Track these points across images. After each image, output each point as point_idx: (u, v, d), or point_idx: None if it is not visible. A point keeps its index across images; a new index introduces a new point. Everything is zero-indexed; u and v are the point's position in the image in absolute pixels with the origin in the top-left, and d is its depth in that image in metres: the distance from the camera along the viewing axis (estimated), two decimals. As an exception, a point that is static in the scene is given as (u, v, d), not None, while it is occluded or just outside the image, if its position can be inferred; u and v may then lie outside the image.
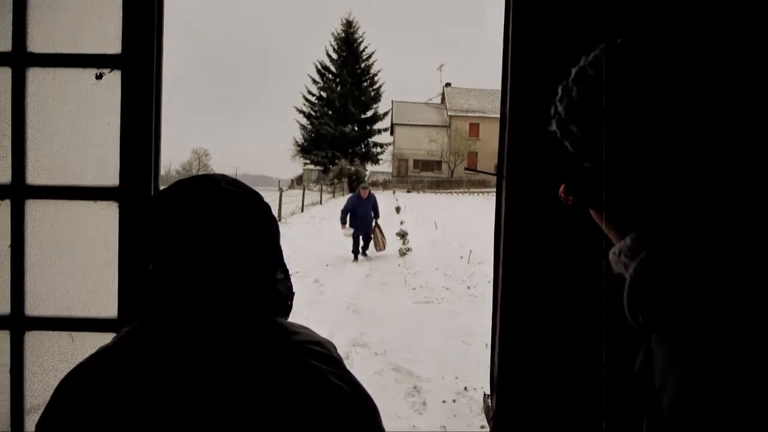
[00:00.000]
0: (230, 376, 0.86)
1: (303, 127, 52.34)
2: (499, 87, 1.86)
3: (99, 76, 1.74)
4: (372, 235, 12.81)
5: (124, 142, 1.72)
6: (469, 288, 9.49)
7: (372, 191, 13.30)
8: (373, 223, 12.78)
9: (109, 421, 0.84)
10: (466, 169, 2.64)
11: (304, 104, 52.60)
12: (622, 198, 0.70)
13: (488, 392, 1.98)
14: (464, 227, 17.46)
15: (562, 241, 1.68)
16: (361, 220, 12.62)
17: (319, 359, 0.93)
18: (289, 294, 1.05)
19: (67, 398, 0.88)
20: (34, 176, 1.75)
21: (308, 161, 51.49)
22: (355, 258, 12.32)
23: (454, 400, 4.69)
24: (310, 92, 52.76)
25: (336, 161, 44.46)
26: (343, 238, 12.79)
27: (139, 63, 1.72)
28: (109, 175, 1.74)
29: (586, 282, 1.66)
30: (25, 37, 1.73)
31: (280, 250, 1.04)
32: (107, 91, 1.74)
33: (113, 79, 1.73)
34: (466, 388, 4.93)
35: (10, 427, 1.77)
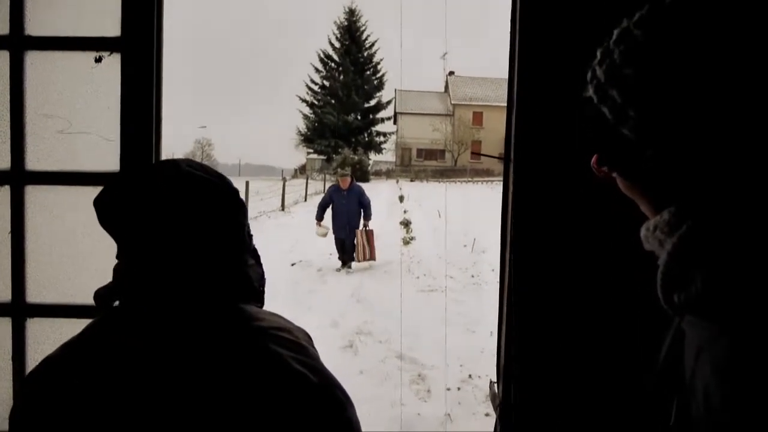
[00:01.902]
0: (189, 363, 0.85)
1: (306, 116, 52.26)
2: (503, 75, 1.83)
3: (98, 60, 1.71)
4: (356, 240, 9.84)
5: (124, 126, 1.70)
6: (473, 276, 9.49)
7: (357, 182, 10.72)
8: (361, 224, 9.97)
9: (76, 412, 0.83)
10: (472, 153, 2.62)
11: (307, 93, 52.53)
12: (662, 169, 0.65)
13: (494, 379, 1.96)
14: (468, 216, 17.43)
15: (571, 227, 1.66)
16: (341, 219, 9.82)
17: (282, 345, 0.89)
18: (260, 280, 1.02)
19: (36, 393, 0.87)
20: (34, 162, 1.73)
21: (311, 151, 51.43)
22: (342, 266, 9.89)
23: (458, 388, 4.69)
24: (312, 81, 52.65)
25: (339, 150, 44.40)
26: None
27: (138, 46, 1.69)
28: (110, 161, 1.72)
29: (594, 268, 1.64)
30: (23, 20, 1.70)
31: (250, 236, 1.01)
32: (107, 74, 1.71)
33: (113, 62, 1.71)
34: (470, 376, 4.93)
35: (12, 414, 1.75)
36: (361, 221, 10.02)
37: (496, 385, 1.91)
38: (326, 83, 52.24)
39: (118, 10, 1.69)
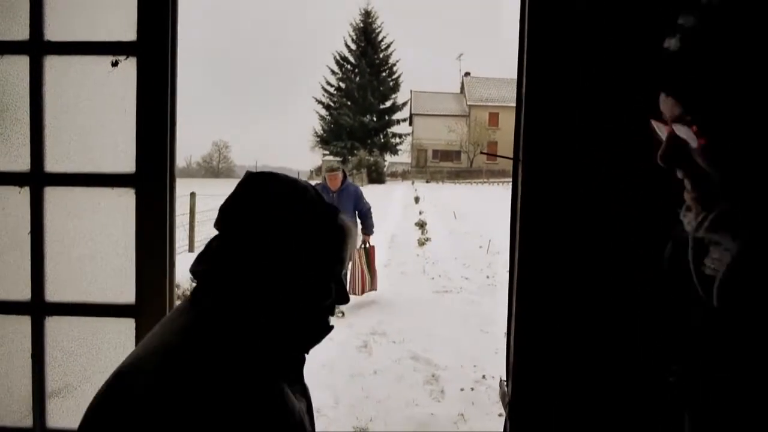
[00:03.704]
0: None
1: (322, 117, 52.43)
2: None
3: (115, 64, 1.75)
4: (352, 265, 7.30)
5: (140, 128, 1.73)
6: (488, 277, 9.47)
7: (353, 182, 8.08)
8: (359, 241, 7.29)
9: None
10: (482, 152, 2.62)
11: (323, 95, 52.67)
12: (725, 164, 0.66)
13: (505, 378, 1.97)
14: (483, 217, 17.38)
15: (579, 226, 1.66)
16: None
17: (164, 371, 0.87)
18: (320, 329, 1.05)
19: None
20: (53, 164, 1.77)
21: (327, 152, 51.55)
22: None
23: (472, 389, 4.69)
24: (328, 83, 52.79)
25: (355, 152, 44.48)
26: None
27: (153, 50, 1.72)
28: (126, 162, 1.75)
29: (602, 268, 1.65)
30: (42, 26, 1.74)
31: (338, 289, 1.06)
32: (123, 78, 1.75)
33: (129, 66, 1.74)
34: (484, 377, 4.93)
35: (32, 410, 1.80)
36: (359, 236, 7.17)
37: (506, 383, 1.92)
38: (342, 85, 52.37)
39: (133, 15, 1.73)
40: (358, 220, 7.34)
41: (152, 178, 1.74)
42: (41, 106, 1.76)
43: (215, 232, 1.02)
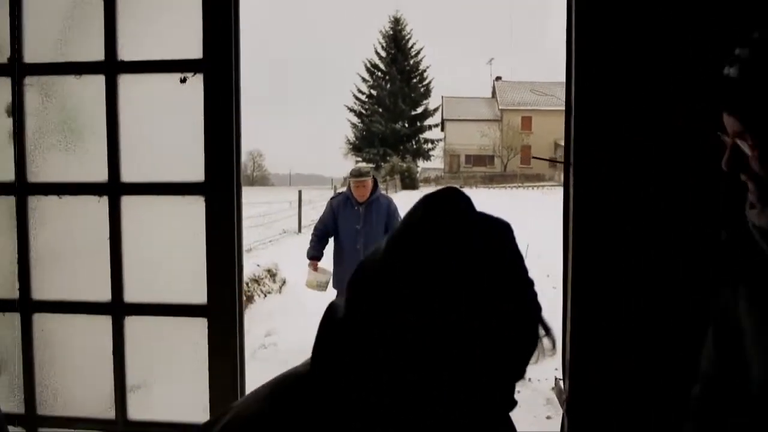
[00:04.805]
0: None
1: (354, 125, 52.74)
2: (551, 79, 1.90)
3: (183, 80, 1.87)
4: None
5: (208, 140, 1.85)
6: (527, 281, 9.40)
7: (387, 195, 6.16)
8: None
9: None
10: (533, 157, 2.67)
11: (355, 103, 53.00)
12: None
13: (559, 376, 2.02)
14: (520, 221, 17.08)
15: (632, 228, 1.71)
16: (350, 260, 5.10)
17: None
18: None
19: None
20: (128, 174, 1.90)
21: (360, 159, 51.82)
22: None
23: (518, 391, 4.67)
24: (360, 90, 53.12)
25: (388, 158, 44.64)
26: None
27: (218, 66, 1.84)
28: (195, 172, 1.87)
29: (656, 269, 1.69)
30: (115, 47, 1.88)
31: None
32: (191, 93, 1.87)
33: (196, 81, 1.86)
34: (529, 379, 4.93)
35: (113, 403, 1.93)
36: None
37: (561, 381, 1.97)
38: (373, 92, 52.63)
39: (199, 34, 1.85)
40: None
41: (220, 187, 1.86)
42: (116, 121, 1.89)
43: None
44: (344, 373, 0.66)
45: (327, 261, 5.50)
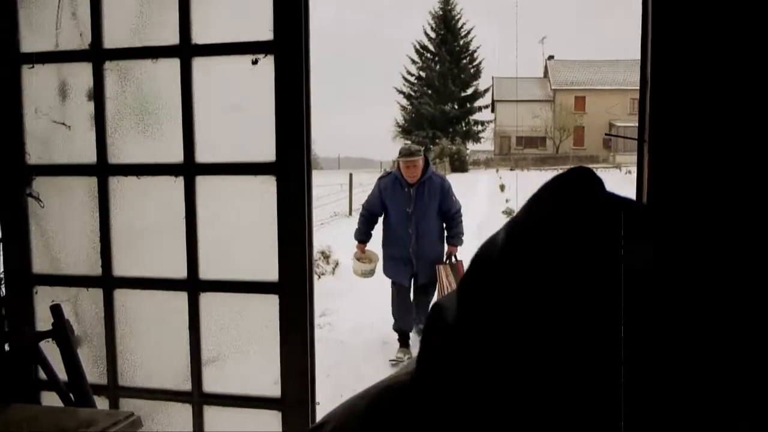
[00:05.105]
0: None
1: (403, 107, 52.54)
2: (606, 57, 1.85)
3: (255, 62, 1.91)
4: (438, 287, 5.14)
5: (279, 120, 1.89)
6: (582, 264, 9.26)
7: (440, 172, 6.18)
8: (444, 255, 5.26)
9: None
10: (606, 134, 2.60)
11: (404, 84, 52.75)
12: None
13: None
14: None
15: (710, 204, 1.66)
16: (401, 243, 5.11)
17: None
18: None
19: None
20: (202, 155, 1.96)
21: (409, 142, 51.71)
22: (402, 343, 5.21)
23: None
24: (409, 72, 52.81)
25: (437, 140, 44.34)
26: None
27: (289, 47, 1.87)
28: (267, 152, 1.91)
29: (735, 250, 1.64)
30: (189, 31, 1.92)
31: None
32: (262, 75, 1.90)
33: (267, 63, 1.89)
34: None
35: (189, 376, 2.01)
36: (444, 246, 5.29)
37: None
38: (423, 74, 52.25)
39: (270, 16, 1.87)
40: (444, 225, 5.26)
41: (291, 166, 1.89)
42: (191, 104, 1.95)
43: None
44: (456, 388, 0.55)
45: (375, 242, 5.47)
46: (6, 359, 2.11)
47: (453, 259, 5.27)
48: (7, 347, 2.11)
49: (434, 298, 5.05)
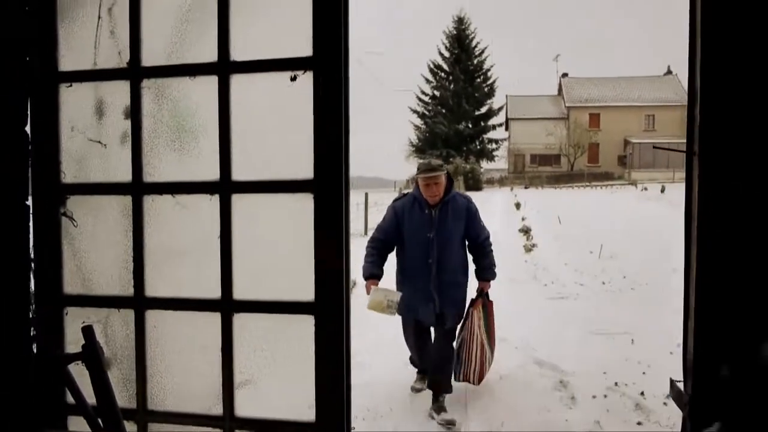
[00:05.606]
0: None
1: (417, 127, 52.68)
2: (621, 74, 1.81)
3: (293, 78, 1.88)
4: (465, 335, 4.52)
5: (317, 137, 1.85)
6: (604, 283, 9.14)
7: (465, 194, 5.07)
8: (475, 292, 4.64)
9: None
10: (654, 146, 2.55)
11: (418, 104, 52.95)
12: None
13: (675, 378, 1.92)
14: (589, 221, 16.77)
15: (762, 222, 1.61)
16: (420, 276, 4.32)
17: None
18: None
19: None
20: (239, 173, 1.93)
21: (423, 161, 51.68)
22: (420, 389, 4.73)
23: (605, 396, 4.55)
24: (423, 92, 53.04)
25: (451, 160, 44.32)
26: None
27: (328, 64, 1.84)
28: (304, 169, 1.87)
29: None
30: (228, 48, 1.90)
31: None
32: (301, 91, 1.87)
33: (306, 79, 1.87)
34: (616, 384, 4.77)
35: (221, 400, 1.96)
36: (467, 281, 4.54)
37: (680, 383, 1.87)
38: (437, 93, 52.45)
39: (309, 32, 1.85)
40: (469, 256, 4.55)
41: (329, 184, 1.85)
42: (228, 121, 1.92)
43: None
44: None
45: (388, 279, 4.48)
46: (34, 383, 2.07)
47: (482, 294, 4.61)
48: (35, 370, 2.07)
49: (456, 342, 4.49)
